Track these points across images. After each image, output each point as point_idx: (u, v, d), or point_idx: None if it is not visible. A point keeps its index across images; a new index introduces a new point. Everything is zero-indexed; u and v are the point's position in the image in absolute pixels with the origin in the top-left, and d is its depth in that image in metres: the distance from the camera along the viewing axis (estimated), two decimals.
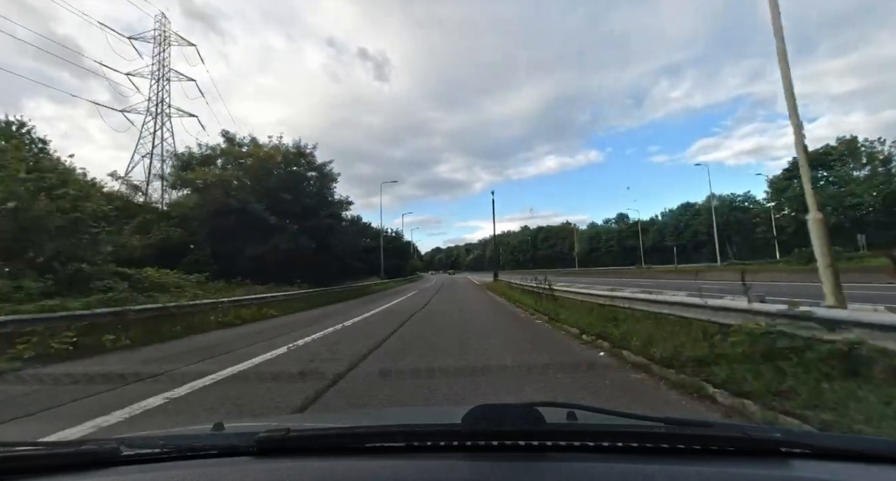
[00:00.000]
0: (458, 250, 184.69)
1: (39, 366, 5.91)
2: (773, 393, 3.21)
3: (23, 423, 3.56)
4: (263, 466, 0.88)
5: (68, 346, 6.80)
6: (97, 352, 6.99)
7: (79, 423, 3.39)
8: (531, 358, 5.63)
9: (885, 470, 0.81)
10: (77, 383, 4.96)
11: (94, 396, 4.26)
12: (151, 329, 8.55)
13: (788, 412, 2.91)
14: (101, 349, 7.09)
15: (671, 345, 4.89)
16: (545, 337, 7.58)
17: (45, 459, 0.92)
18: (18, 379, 5.26)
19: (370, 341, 7.19)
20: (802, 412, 2.86)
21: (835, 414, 2.75)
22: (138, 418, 3.55)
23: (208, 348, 7.15)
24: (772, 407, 3.05)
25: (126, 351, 7.18)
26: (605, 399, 3.79)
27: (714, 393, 3.58)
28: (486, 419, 0.88)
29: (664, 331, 5.63)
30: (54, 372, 5.46)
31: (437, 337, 7.61)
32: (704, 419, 1.62)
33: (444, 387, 4.22)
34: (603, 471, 0.78)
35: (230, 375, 5.02)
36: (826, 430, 2.52)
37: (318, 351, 6.51)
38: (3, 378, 5.35)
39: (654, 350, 4.88)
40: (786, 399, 3.11)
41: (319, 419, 2.47)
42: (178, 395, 4.17)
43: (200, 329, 9.56)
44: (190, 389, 4.41)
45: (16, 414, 3.77)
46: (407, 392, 4.19)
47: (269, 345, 7.20)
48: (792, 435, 0.89)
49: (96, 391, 4.44)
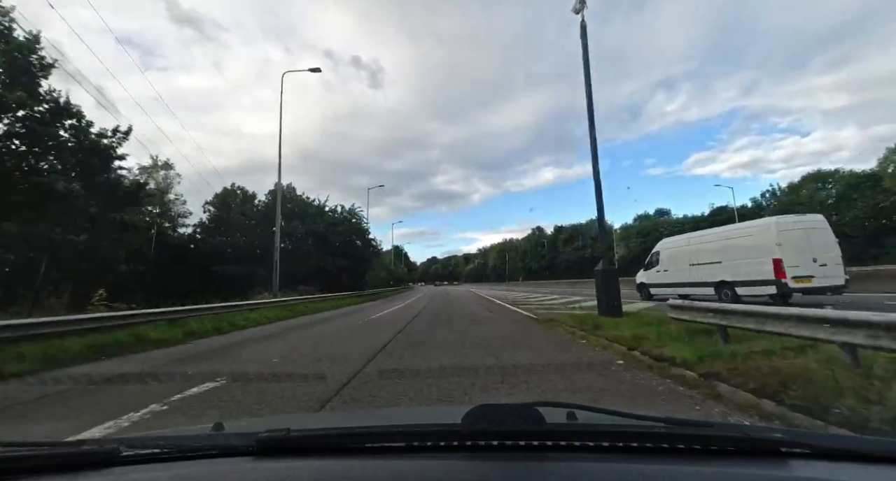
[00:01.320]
0: (456, 260, 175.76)
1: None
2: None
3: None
4: (263, 466, 0.88)
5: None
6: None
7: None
8: None
9: (885, 470, 0.81)
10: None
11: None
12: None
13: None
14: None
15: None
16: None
17: (45, 459, 0.91)
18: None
19: None
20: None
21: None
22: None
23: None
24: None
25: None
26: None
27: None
28: (486, 419, 0.88)
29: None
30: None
31: None
32: (704, 419, 1.61)
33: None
34: (603, 471, 0.78)
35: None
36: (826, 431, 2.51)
37: None
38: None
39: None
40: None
41: (320, 419, 2.47)
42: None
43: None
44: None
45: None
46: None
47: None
48: (792, 435, 0.89)
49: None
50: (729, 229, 13.32)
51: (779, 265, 10.47)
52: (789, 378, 3.53)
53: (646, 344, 5.81)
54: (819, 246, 10.70)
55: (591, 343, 6.69)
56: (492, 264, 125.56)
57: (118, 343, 7.53)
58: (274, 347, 7.61)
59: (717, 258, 12.51)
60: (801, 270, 10.40)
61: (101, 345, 7.19)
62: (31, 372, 5.51)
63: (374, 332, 9.30)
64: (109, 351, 7.07)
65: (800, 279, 10.33)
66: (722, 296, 11.82)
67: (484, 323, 10.57)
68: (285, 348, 7.45)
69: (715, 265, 12.48)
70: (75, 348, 6.78)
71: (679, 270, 14.03)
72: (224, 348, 7.73)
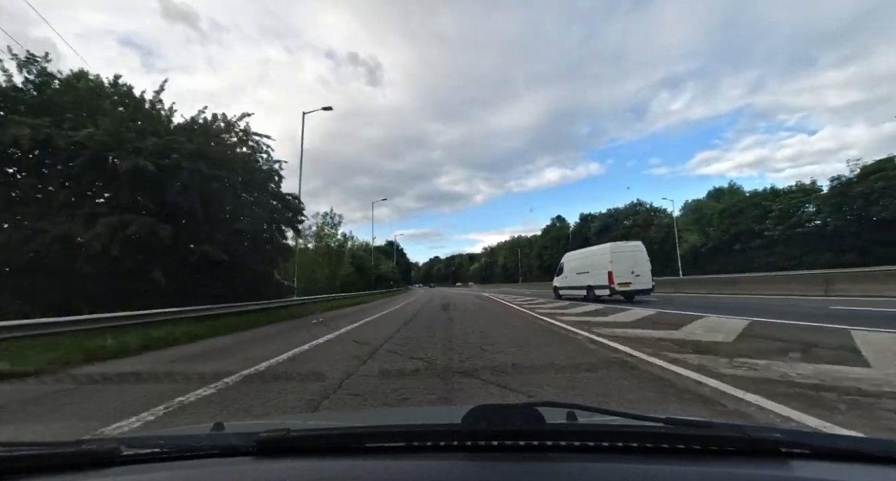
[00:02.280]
0: (461, 258, 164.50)
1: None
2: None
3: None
4: (263, 466, 0.88)
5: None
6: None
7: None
8: None
9: (885, 470, 0.81)
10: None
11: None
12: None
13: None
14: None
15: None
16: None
17: (45, 459, 0.91)
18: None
19: None
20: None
21: None
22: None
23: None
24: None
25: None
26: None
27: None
28: (486, 419, 0.89)
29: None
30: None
31: None
32: (705, 419, 1.61)
33: None
34: (603, 471, 0.78)
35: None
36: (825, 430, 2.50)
37: None
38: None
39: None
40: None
41: (320, 419, 2.47)
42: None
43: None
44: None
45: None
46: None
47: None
48: (792, 435, 0.89)
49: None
50: (591, 250, 18.83)
51: (611, 276, 15.60)
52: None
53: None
54: (637, 262, 15.89)
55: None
56: (501, 262, 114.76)
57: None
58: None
59: (586, 270, 17.78)
60: (623, 279, 15.57)
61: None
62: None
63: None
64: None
65: (622, 284, 15.52)
66: (589, 296, 17.12)
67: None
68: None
69: (585, 274, 17.73)
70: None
71: (573, 277, 19.13)
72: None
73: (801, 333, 6.14)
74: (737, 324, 7.34)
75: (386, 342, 7.24)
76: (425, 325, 9.96)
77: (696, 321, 8.11)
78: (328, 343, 7.51)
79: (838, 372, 3.85)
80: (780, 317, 8.17)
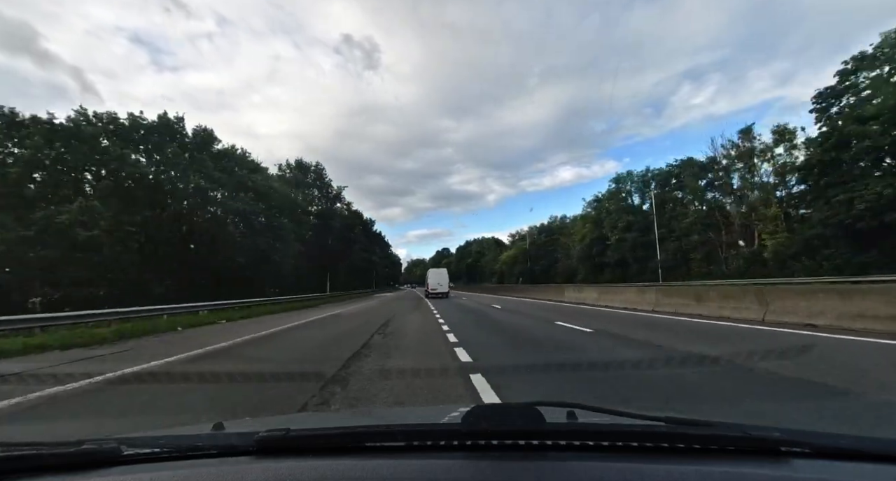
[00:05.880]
0: (480, 245, 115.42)
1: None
2: None
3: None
4: (263, 466, 0.88)
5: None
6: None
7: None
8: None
9: (885, 470, 0.81)
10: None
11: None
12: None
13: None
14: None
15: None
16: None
17: (45, 459, 0.91)
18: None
19: None
20: None
21: None
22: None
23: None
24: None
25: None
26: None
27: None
28: (486, 419, 0.89)
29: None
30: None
31: None
32: (705, 418, 1.61)
33: None
34: (603, 471, 0.78)
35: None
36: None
37: None
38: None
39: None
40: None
41: (320, 418, 2.47)
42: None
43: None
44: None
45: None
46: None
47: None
48: (792, 434, 0.88)
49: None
50: (428, 271, 36.01)
51: (428, 285, 33.27)
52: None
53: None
54: (442, 277, 32.53)
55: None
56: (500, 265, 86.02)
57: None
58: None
59: (429, 281, 33.51)
60: (433, 287, 31.88)
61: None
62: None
63: None
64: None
65: (433, 289, 31.70)
66: (429, 294, 32.29)
67: None
68: None
69: (428, 284, 33.42)
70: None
71: (430, 285, 32.71)
72: None
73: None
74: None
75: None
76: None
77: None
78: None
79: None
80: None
